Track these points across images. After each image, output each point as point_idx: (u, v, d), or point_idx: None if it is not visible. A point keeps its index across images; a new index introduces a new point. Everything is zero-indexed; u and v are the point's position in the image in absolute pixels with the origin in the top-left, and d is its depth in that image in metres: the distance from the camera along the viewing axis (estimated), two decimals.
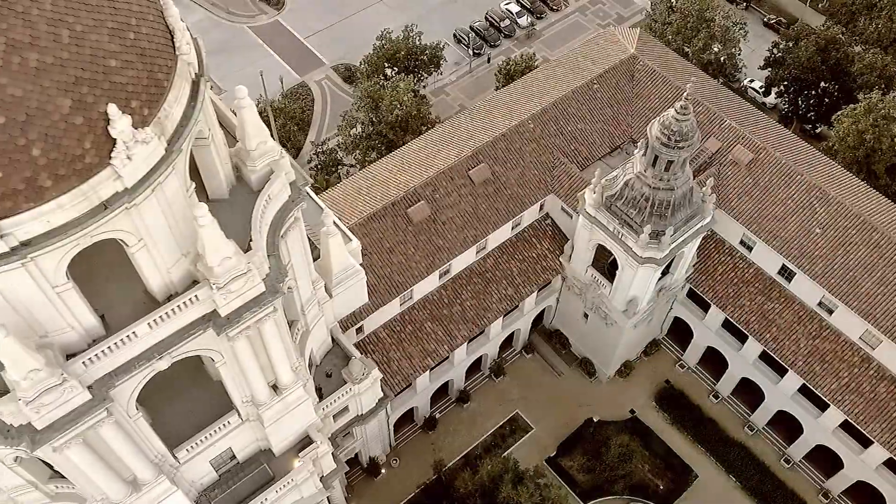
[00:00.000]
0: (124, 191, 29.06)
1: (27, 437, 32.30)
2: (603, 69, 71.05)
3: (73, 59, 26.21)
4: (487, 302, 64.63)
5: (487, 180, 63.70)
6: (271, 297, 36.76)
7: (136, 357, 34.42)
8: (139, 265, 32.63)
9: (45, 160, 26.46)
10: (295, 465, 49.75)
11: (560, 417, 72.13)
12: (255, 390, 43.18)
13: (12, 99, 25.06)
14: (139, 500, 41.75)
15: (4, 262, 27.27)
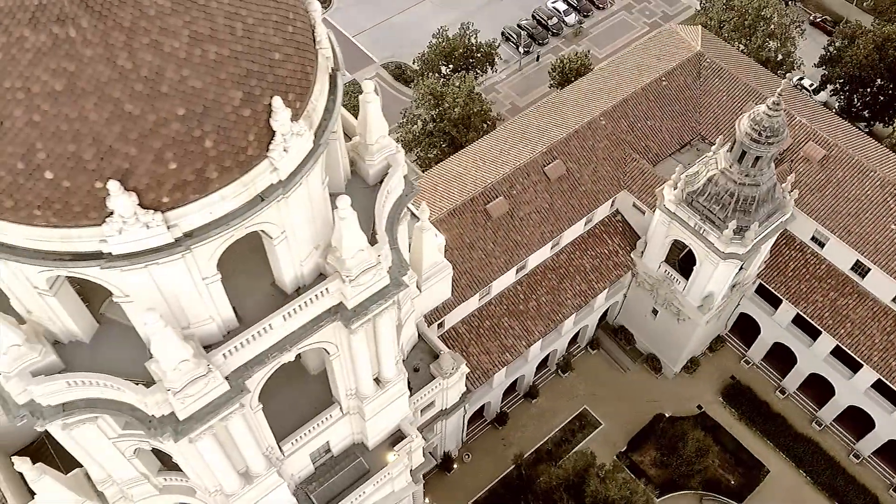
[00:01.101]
0: (279, 183, 29.48)
1: (170, 428, 32.71)
2: (670, 66, 71.38)
3: (246, 51, 26.68)
4: (562, 298, 65.03)
5: (562, 177, 64.12)
6: (394, 290, 37.17)
7: (268, 349, 34.83)
8: (277, 257, 33.05)
9: (215, 152, 26.90)
10: (390, 459, 50.16)
11: (628, 413, 72.45)
12: (362, 383, 43.59)
13: (193, 91, 25.50)
14: (250, 493, 42.18)
15: (169, 252, 27.67)
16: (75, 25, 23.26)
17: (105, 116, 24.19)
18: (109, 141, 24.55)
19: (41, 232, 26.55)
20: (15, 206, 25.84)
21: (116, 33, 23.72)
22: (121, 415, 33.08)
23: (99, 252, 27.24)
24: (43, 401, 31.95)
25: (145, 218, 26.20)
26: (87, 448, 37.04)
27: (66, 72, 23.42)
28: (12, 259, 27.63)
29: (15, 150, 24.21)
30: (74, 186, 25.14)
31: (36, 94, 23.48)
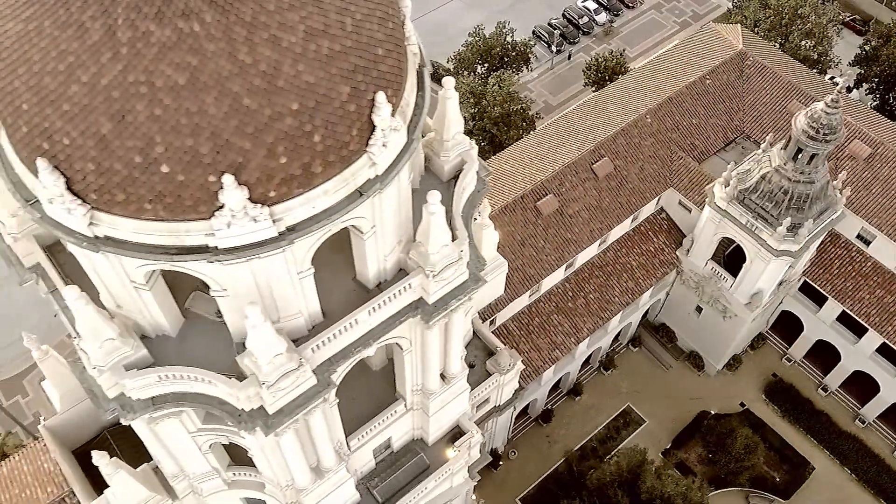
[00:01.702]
0: (376, 178, 29.68)
1: (260, 422, 32.91)
2: (713, 65, 71.49)
3: (354, 47, 26.89)
4: (609, 295, 65.26)
5: (610, 174, 64.33)
6: (473, 285, 37.32)
7: (352, 343, 35.02)
8: (364, 252, 33.24)
9: (322, 147, 27.13)
10: (449, 455, 50.35)
11: (671, 410, 72.66)
12: (429, 379, 43.77)
13: (307, 86, 25.70)
14: (320, 488, 42.39)
15: (274, 246, 27.90)
16: (199, 20, 23.48)
17: (224, 111, 24.42)
18: (226, 135, 24.80)
19: (150, 226, 26.78)
20: (126, 200, 26.10)
21: (238, 28, 23.95)
22: (210, 408, 33.26)
23: (205, 246, 27.46)
24: (134, 394, 32.17)
25: (254, 212, 26.43)
26: (165, 442, 37.28)
27: (189, 66, 23.64)
28: (119, 253, 27.88)
29: (134, 143, 24.46)
30: (188, 180, 25.38)
31: (159, 89, 23.69)
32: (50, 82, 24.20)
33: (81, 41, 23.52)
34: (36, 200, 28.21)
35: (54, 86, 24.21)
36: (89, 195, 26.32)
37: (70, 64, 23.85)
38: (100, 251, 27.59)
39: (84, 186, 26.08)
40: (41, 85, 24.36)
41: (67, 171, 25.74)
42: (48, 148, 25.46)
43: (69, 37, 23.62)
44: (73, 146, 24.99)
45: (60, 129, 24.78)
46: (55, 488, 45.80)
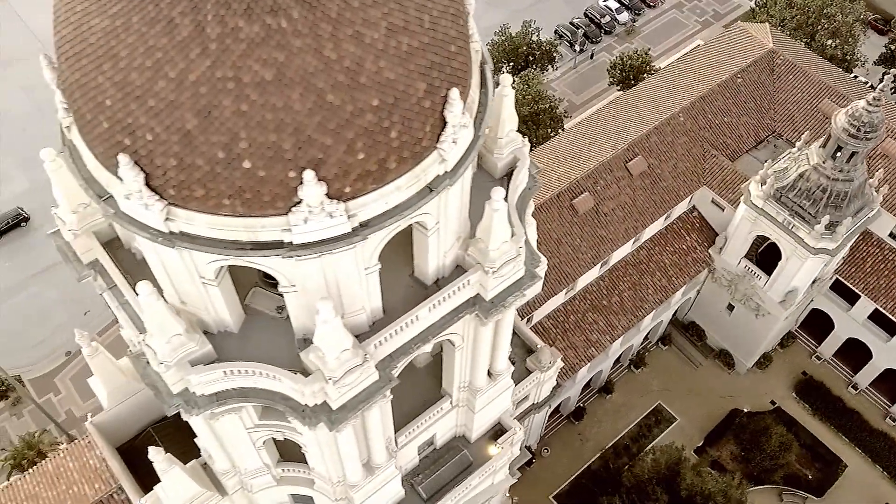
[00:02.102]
0: (445, 174, 29.77)
1: (324, 417, 33.03)
2: (744, 63, 71.53)
3: (430, 43, 27.01)
4: (643, 293, 65.41)
5: (644, 172, 64.45)
6: (529, 282, 37.45)
7: (411, 340, 35.15)
8: (426, 249, 33.35)
9: (398, 143, 27.25)
10: (492, 452, 50.49)
11: (702, 408, 72.80)
12: (478, 375, 43.92)
13: (387, 82, 25.83)
14: (370, 484, 42.54)
15: (347, 242, 28.02)
16: (287, 16, 23.63)
17: (308, 106, 24.55)
18: (309, 131, 24.93)
19: (226, 221, 26.91)
20: (205, 196, 26.22)
21: (324, 24, 24.08)
22: (273, 404, 33.41)
23: (280, 241, 27.60)
24: (198, 390, 32.30)
25: (330, 207, 26.55)
26: (221, 438, 37.41)
27: (276, 62, 23.78)
28: (194, 248, 28.01)
29: (218, 139, 24.58)
30: (269, 176, 25.51)
31: (246, 84, 23.82)
32: (136, 78, 24.33)
33: (170, 37, 23.67)
34: (109, 196, 28.30)
35: (141, 81, 24.34)
36: (167, 191, 26.47)
37: (158, 60, 23.99)
38: (175, 247, 27.70)
39: (163, 182, 26.21)
40: (127, 81, 24.50)
41: (147, 167, 25.88)
42: (129, 144, 25.58)
43: (158, 32, 23.76)
44: (157, 142, 25.13)
45: (144, 125, 24.91)
46: (102, 484, 45.98)
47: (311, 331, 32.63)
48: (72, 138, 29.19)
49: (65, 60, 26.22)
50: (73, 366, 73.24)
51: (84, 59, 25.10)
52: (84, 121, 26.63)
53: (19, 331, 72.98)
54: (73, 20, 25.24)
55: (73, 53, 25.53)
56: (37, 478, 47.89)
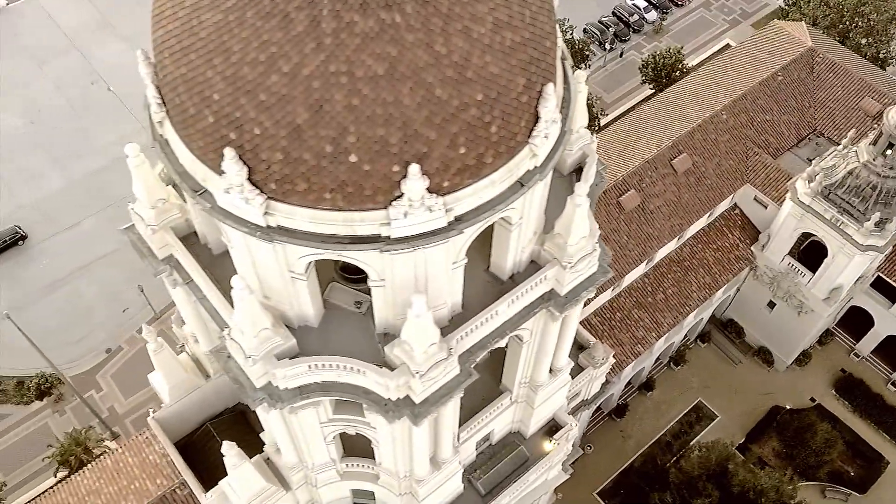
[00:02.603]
0: (535, 169, 29.96)
1: (407, 411, 33.19)
2: (784, 62, 71.62)
3: (531, 38, 27.21)
4: (688, 290, 65.57)
5: (689, 170, 64.62)
6: (601, 277, 37.57)
7: (489, 334, 35.32)
8: (507, 244, 33.54)
9: (497, 137, 27.46)
10: (547, 448, 50.62)
11: (743, 405, 72.94)
12: (541, 371, 44.05)
13: (490, 77, 26.02)
14: (435, 478, 42.71)
15: (443, 236, 28.20)
16: (400, 11, 23.81)
17: (417, 101, 24.74)
18: (416, 125, 25.12)
19: (326, 215, 27.09)
20: (308, 190, 26.42)
21: (435, 19, 24.27)
22: (355, 398, 33.59)
23: (378, 235, 27.76)
24: (282, 384, 32.47)
25: (430, 201, 26.71)
26: (295, 432, 37.54)
27: (388, 56, 23.96)
28: (292, 242, 28.21)
29: (328, 133, 24.76)
30: (374, 170, 25.70)
31: (359, 78, 24.00)
32: (249, 72, 24.52)
33: (286, 31, 23.87)
34: (204, 190, 28.49)
35: (253, 76, 24.53)
36: (268, 185, 26.68)
37: (272, 54, 24.18)
38: (273, 241, 27.87)
39: (265, 176, 26.42)
40: (238, 75, 24.68)
41: (251, 161, 26.09)
42: (235, 138, 25.78)
43: (273, 27, 23.95)
44: (265, 136, 25.33)
45: (253, 119, 25.10)
46: (164, 480, 46.23)
47: (393, 325, 32.89)
48: (164, 133, 29.34)
49: (168, 56, 26.38)
50: (113, 363, 73.59)
51: (192, 53, 25.28)
52: (185, 115, 26.82)
53: (59, 328, 73.23)
54: (181, 15, 25.42)
55: (179, 48, 25.71)
56: (96, 473, 48.15)
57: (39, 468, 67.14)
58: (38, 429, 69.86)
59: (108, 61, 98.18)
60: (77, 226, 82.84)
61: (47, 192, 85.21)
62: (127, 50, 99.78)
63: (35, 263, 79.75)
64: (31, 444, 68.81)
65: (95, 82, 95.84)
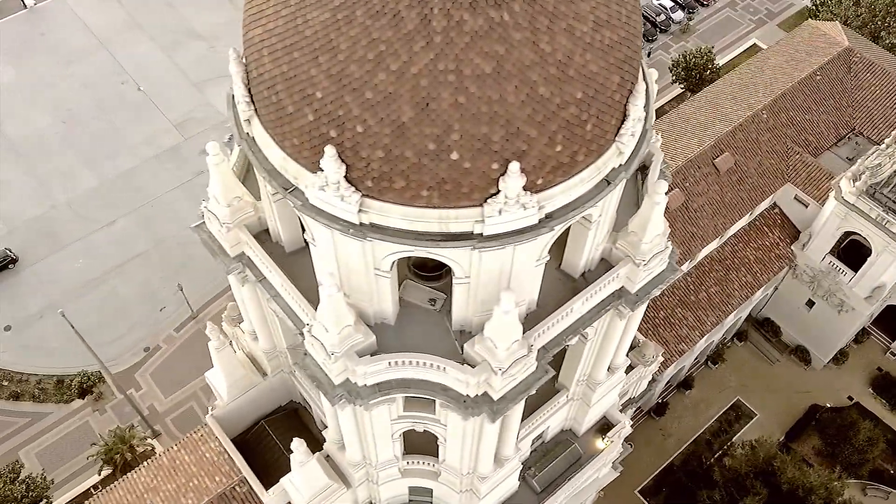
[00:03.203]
0: (620, 167, 30.13)
1: (486, 408, 33.35)
2: (821, 61, 71.70)
3: (626, 37, 27.43)
4: (730, 289, 65.73)
5: (731, 169, 64.74)
6: (670, 275, 37.74)
7: (563, 332, 35.47)
8: (583, 242, 33.70)
9: (591, 135, 27.66)
10: (598, 445, 50.77)
11: (781, 404, 73.06)
12: (599, 369, 44.23)
13: (590, 75, 26.20)
14: (496, 475, 42.88)
15: (534, 233, 28.38)
16: (509, 9, 24.00)
17: (521, 99, 24.93)
18: (518, 123, 25.30)
19: (421, 212, 27.27)
20: (405, 187, 26.60)
21: (542, 18, 24.46)
22: (433, 394, 33.75)
23: (470, 233, 27.92)
24: (360, 381, 32.63)
25: (524, 199, 26.89)
26: (365, 430, 37.69)
27: (496, 55, 24.15)
28: (384, 240, 28.36)
29: (432, 131, 24.95)
30: (473, 167, 25.89)
31: (466, 76, 24.18)
32: (356, 70, 24.70)
33: (396, 30, 24.05)
34: (294, 188, 28.67)
35: (359, 74, 24.71)
36: (364, 182, 26.86)
37: (381, 52, 24.36)
38: (366, 238, 28.03)
39: (363, 174, 26.60)
40: (345, 73, 24.86)
41: (349, 159, 26.27)
42: (335, 136, 25.96)
43: (383, 25, 24.14)
44: (367, 133, 25.50)
45: (357, 117, 25.27)
46: (223, 477, 46.41)
47: (470, 322, 33.09)
48: (250, 131, 29.52)
49: (268, 54, 26.57)
50: (152, 362, 73.84)
51: (296, 51, 25.46)
52: (282, 113, 27.00)
53: (96, 327, 73.53)
54: (284, 14, 25.61)
55: (282, 47, 25.89)
56: (153, 471, 48.34)
57: (81, 466, 67.41)
58: (78, 427, 70.13)
59: (137, 61, 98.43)
60: (111, 225, 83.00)
61: (80, 191, 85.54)
62: (155, 49, 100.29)
63: (70, 263, 79.96)
64: (72, 442, 69.09)
65: (125, 82, 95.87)
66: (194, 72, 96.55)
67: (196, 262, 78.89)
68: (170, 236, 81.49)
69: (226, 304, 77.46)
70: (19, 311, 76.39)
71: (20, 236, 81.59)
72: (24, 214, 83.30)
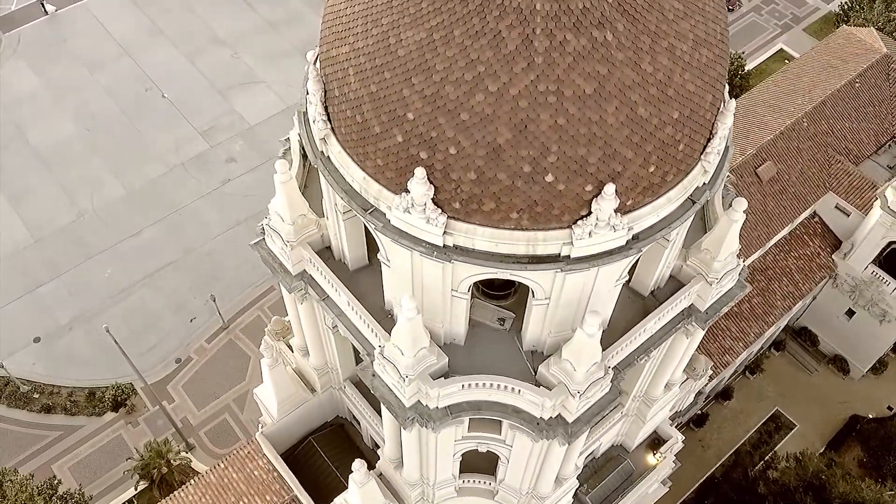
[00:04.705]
0: (704, 185, 29.58)
1: (561, 430, 32.81)
2: (860, 68, 70.93)
3: (720, 55, 26.91)
4: (772, 299, 65.00)
5: (773, 178, 64.00)
6: (738, 291, 37.19)
7: (635, 351, 34.92)
8: (658, 260, 33.23)
9: (682, 155, 27.15)
10: (650, 461, 50.17)
11: (821, 414, 72.33)
12: (657, 386, 43.77)
13: (687, 94, 25.64)
14: (555, 494, 42.35)
15: (622, 254, 27.85)
16: (612, 29, 23.39)
17: (620, 120, 24.37)
18: (615, 145, 24.75)
19: (509, 234, 26.78)
20: (495, 210, 26.07)
21: (644, 37, 23.88)
22: (505, 417, 33.28)
23: (557, 254, 27.38)
24: (432, 403, 32.09)
25: (615, 220, 26.33)
26: (429, 450, 37.16)
27: (598, 75, 23.56)
28: (468, 262, 27.82)
29: (528, 153, 24.40)
30: (567, 189, 25.34)
31: (567, 98, 23.60)
32: (452, 91, 24.10)
33: (496, 50, 23.45)
34: (374, 209, 28.15)
35: (456, 95, 24.12)
36: (452, 204, 26.30)
37: (479, 73, 23.77)
38: (451, 261, 27.48)
39: (451, 196, 26.06)
40: (440, 94, 24.27)
41: (438, 181, 25.75)
42: (425, 158, 25.42)
43: (482, 46, 23.53)
44: (460, 156, 24.94)
45: (451, 139, 24.72)
46: (273, 496, 45.83)
47: (543, 343, 32.51)
48: (325, 149, 28.97)
49: (354, 73, 26.00)
50: (184, 373, 73.17)
51: (388, 71, 24.86)
52: (367, 133, 26.45)
53: (126, 339, 72.85)
54: (375, 33, 24.99)
55: (371, 66, 25.30)
56: (201, 489, 47.75)
57: (116, 480, 66.78)
58: (112, 440, 69.49)
59: (160, 67, 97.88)
60: (139, 234, 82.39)
61: (107, 199, 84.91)
62: (178, 56, 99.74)
63: (99, 273, 79.38)
64: (106, 456, 68.47)
65: (149, 89, 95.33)
66: (219, 78, 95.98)
67: (225, 271, 78.32)
68: (198, 245, 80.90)
69: (256, 314, 77.61)
70: (49, 322, 75.73)
71: (48, 245, 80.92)
72: (52, 224, 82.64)
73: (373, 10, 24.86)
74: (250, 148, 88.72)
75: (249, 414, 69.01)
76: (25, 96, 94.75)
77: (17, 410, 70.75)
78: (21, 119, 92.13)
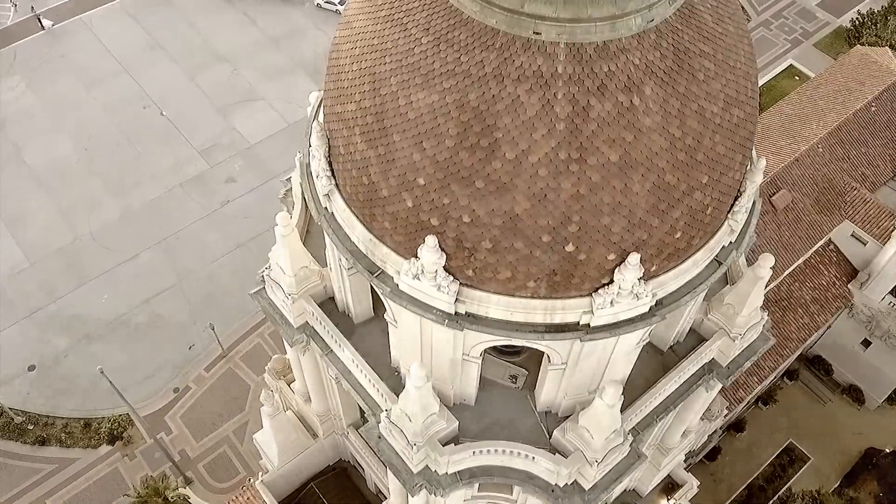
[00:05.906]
0: (730, 245, 28.09)
1: (577, 498, 31.29)
2: (876, 91, 69.15)
3: (751, 113, 25.34)
4: (787, 331, 63.15)
5: (788, 207, 62.21)
6: (762, 345, 35.70)
7: (654, 410, 33.46)
8: (678, 317, 31.70)
9: (709, 219, 25.65)
10: None
11: (835, 446, 70.48)
12: (674, 435, 42.34)
13: (716, 157, 24.05)
14: None
15: (645, 322, 26.35)
16: (639, 93, 21.66)
17: (646, 188, 22.70)
18: (640, 213, 23.09)
19: (524, 303, 25.24)
20: (511, 278, 24.52)
21: (673, 100, 22.16)
22: (518, 483, 31.70)
23: (576, 323, 25.83)
24: (441, 469, 30.56)
25: (638, 289, 24.75)
26: None
27: (623, 142, 21.87)
28: (481, 331, 26.31)
29: (548, 223, 22.72)
30: (588, 259, 23.75)
31: (590, 166, 21.91)
32: (466, 158, 22.45)
33: (514, 116, 21.79)
34: (381, 272, 26.61)
35: (470, 162, 22.47)
36: (465, 272, 24.72)
37: (496, 139, 22.11)
38: (463, 329, 25.90)
39: (463, 263, 24.46)
40: (453, 160, 22.62)
41: (450, 248, 24.13)
42: (436, 225, 23.78)
43: (500, 111, 21.86)
44: (474, 224, 23.31)
45: (464, 207, 23.06)
46: None
47: (558, 405, 31.16)
48: (329, 206, 27.38)
49: (360, 134, 24.33)
50: (182, 403, 71.40)
51: (396, 134, 23.16)
52: (374, 196, 24.81)
53: (122, 367, 71.14)
54: (384, 93, 23.26)
55: (378, 128, 23.60)
56: None
57: None
58: (108, 474, 67.62)
59: (159, 84, 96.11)
60: (136, 258, 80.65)
61: (104, 221, 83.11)
62: (177, 72, 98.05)
63: (96, 298, 77.63)
64: (101, 490, 66.67)
65: (147, 106, 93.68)
66: (218, 96, 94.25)
67: (224, 297, 76.53)
68: (196, 269, 79.10)
69: (256, 342, 75.87)
70: (45, 349, 73.93)
71: (44, 268, 79.18)
72: (48, 247, 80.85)
73: (381, 68, 23.18)
74: (250, 168, 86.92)
75: (249, 445, 67.14)
76: (23, 114, 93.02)
77: (10, 442, 68.80)
78: (17, 137, 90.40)
